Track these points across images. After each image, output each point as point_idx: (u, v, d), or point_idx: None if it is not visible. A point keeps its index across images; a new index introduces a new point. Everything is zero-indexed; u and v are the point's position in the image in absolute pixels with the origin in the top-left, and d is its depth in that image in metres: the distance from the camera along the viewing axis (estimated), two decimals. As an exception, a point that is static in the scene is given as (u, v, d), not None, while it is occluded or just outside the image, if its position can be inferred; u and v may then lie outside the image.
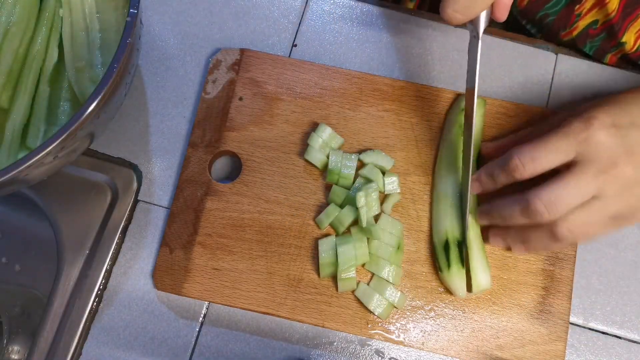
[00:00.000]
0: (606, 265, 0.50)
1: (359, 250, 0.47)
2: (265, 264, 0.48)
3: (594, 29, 0.54)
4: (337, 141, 0.51)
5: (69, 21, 0.48)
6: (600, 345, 0.49)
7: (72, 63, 0.47)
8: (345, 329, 0.47)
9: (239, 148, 0.51)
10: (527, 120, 0.51)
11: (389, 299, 0.47)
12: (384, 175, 0.49)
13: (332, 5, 0.57)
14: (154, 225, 0.51)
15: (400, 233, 0.48)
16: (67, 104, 0.49)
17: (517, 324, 0.47)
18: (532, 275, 0.48)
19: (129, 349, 0.48)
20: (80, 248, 0.50)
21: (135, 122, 0.53)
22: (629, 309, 0.50)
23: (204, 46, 0.55)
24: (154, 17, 0.56)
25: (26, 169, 0.37)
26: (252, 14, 0.56)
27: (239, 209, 0.49)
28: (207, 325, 0.49)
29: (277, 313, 0.47)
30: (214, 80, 0.52)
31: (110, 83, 0.39)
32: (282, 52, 0.55)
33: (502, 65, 0.55)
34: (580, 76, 0.55)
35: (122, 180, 0.51)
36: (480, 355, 0.47)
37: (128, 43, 0.40)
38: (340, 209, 0.48)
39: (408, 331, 0.47)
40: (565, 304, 0.48)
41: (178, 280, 0.48)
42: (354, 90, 0.52)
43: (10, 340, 0.54)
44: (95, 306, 0.49)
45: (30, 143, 0.47)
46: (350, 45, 0.55)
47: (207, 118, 0.52)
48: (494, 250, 0.49)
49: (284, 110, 0.52)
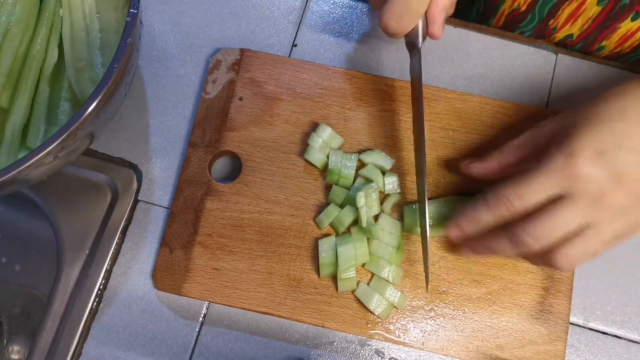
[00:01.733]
0: (606, 265, 0.50)
1: (359, 250, 0.47)
2: (265, 264, 0.48)
3: (571, 40, 0.56)
4: (337, 141, 0.51)
5: (69, 21, 0.48)
6: (600, 345, 0.49)
7: (72, 63, 0.47)
8: (345, 329, 0.47)
9: (239, 148, 0.51)
10: (527, 120, 0.51)
11: (389, 299, 0.47)
12: (384, 175, 0.50)
13: (332, 5, 0.57)
14: (154, 225, 0.51)
15: (400, 233, 0.48)
16: (67, 104, 0.49)
17: (517, 324, 0.47)
18: (532, 275, 0.48)
19: (129, 349, 0.48)
20: (80, 248, 0.50)
21: (135, 122, 0.53)
22: (629, 309, 0.50)
23: (204, 46, 0.55)
24: (154, 17, 0.56)
25: (26, 169, 0.37)
26: (252, 14, 0.56)
27: (239, 209, 0.49)
28: (207, 325, 0.49)
29: (277, 313, 0.47)
30: (214, 80, 0.52)
31: (110, 83, 0.39)
32: (282, 52, 0.55)
33: (502, 65, 0.55)
34: (580, 76, 0.55)
35: (122, 180, 0.51)
36: (480, 355, 0.47)
37: (128, 43, 0.40)
38: (340, 209, 0.48)
39: (408, 331, 0.47)
40: (565, 304, 0.48)
41: (178, 280, 0.48)
42: (354, 90, 0.52)
43: (10, 340, 0.54)
44: (95, 306, 0.49)
45: (30, 143, 0.47)
46: (350, 45, 0.55)
47: (207, 118, 0.52)
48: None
49: (284, 110, 0.52)
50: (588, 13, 0.51)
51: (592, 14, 0.51)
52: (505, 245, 0.41)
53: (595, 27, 0.52)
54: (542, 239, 0.39)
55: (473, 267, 0.48)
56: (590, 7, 0.51)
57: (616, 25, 0.52)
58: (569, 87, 0.54)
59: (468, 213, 0.43)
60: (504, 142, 0.50)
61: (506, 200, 0.40)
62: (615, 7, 0.50)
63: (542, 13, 0.53)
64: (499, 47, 0.55)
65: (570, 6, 0.52)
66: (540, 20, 0.54)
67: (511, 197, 0.40)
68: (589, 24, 0.52)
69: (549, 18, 0.54)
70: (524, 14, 0.54)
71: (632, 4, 0.50)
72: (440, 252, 0.49)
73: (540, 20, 0.55)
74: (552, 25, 0.54)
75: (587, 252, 0.40)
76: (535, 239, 0.40)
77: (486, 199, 0.42)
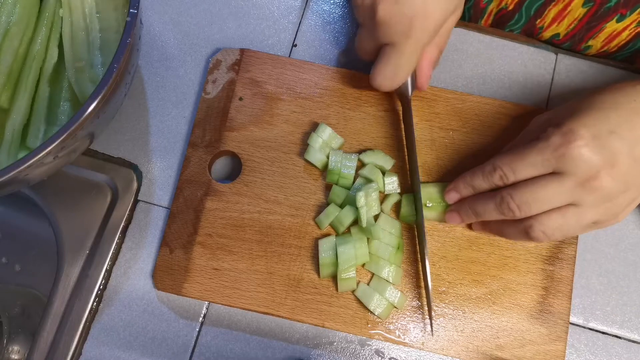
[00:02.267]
0: (606, 265, 0.50)
1: (359, 250, 0.47)
2: (265, 264, 0.48)
3: (558, 40, 0.56)
4: (337, 141, 0.51)
5: (69, 21, 0.48)
6: (600, 345, 0.49)
7: (72, 63, 0.47)
8: (345, 329, 0.47)
9: (239, 148, 0.51)
10: (527, 120, 0.51)
11: (389, 299, 0.47)
12: (384, 175, 0.50)
13: (332, 5, 0.57)
14: (154, 225, 0.51)
15: (400, 233, 0.48)
16: (67, 104, 0.49)
17: (517, 324, 0.47)
18: (532, 275, 0.48)
19: (129, 349, 0.48)
20: (80, 248, 0.50)
21: (135, 122, 0.53)
22: (629, 309, 0.50)
23: (204, 46, 0.55)
24: (154, 17, 0.56)
25: (26, 169, 0.37)
26: (252, 14, 0.56)
27: (239, 209, 0.49)
28: (207, 325, 0.49)
29: (277, 313, 0.47)
30: (214, 80, 0.52)
31: (110, 83, 0.39)
32: (282, 52, 0.55)
33: (502, 65, 0.55)
34: (580, 76, 0.55)
35: (122, 180, 0.51)
36: (480, 355, 0.47)
37: (128, 43, 0.40)
38: (340, 209, 0.48)
39: (408, 331, 0.47)
40: (565, 304, 0.48)
41: (178, 280, 0.48)
42: (354, 90, 0.52)
43: (10, 340, 0.54)
44: (95, 306, 0.49)
45: (30, 143, 0.47)
46: (351, 45, 0.55)
47: (207, 118, 0.52)
48: (493, 250, 0.49)
49: (284, 110, 0.52)
50: (574, 14, 0.52)
51: (578, 15, 0.52)
52: (491, 209, 0.44)
53: (581, 27, 0.53)
54: (525, 207, 0.41)
55: (473, 267, 0.48)
56: (576, 8, 0.52)
57: (602, 26, 0.53)
58: (569, 87, 0.54)
59: (466, 178, 0.46)
60: (503, 143, 0.50)
61: (500, 170, 0.43)
62: (600, 9, 0.51)
63: (529, 12, 0.54)
64: (498, 47, 0.55)
65: (556, 7, 0.52)
66: (527, 19, 0.55)
67: (505, 168, 0.42)
68: (575, 24, 0.53)
69: (535, 18, 0.54)
70: (511, 13, 0.55)
71: (616, 6, 0.51)
72: (441, 252, 0.49)
73: (527, 20, 0.55)
74: (539, 25, 0.55)
75: (562, 228, 0.42)
76: (518, 205, 0.42)
77: (483, 167, 0.44)
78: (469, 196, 0.47)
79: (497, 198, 0.43)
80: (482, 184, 0.45)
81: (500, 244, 0.49)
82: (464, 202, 0.47)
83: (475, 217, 0.46)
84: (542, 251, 0.49)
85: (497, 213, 0.44)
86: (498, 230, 0.46)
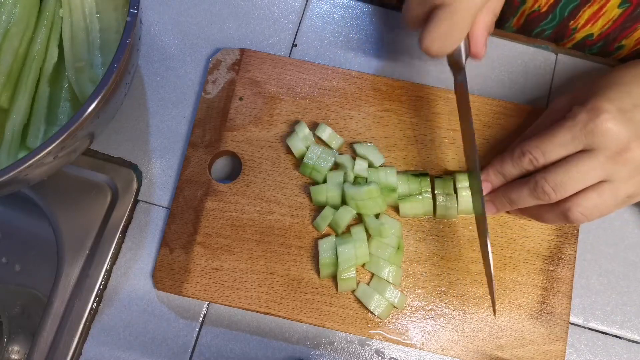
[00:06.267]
0: (606, 265, 0.50)
1: (359, 250, 0.47)
2: (265, 264, 0.48)
3: (591, 40, 0.56)
4: (337, 141, 0.51)
5: (69, 21, 0.48)
6: (600, 345, 0.49)
7: (72, 63, 0.47)
8: (345, 329, 0.47)
9: (239, 148, 0.51)
10: (527, 120, 0.51)
11: (389, 299, 0.47)
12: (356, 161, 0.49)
13: (332, 5, 0.57)
14: (154, 225, 0.51)
15: (400, 233, 0.48)
16: (67, 104, 0.49)
17: (517, 324, 0.47)
18: (532, 275, 0.48)
19: (129, 349, 0.48)
20: (80, 248, 0.50)
21: (135, 122, 0.53)
22: (629, 309, 0.50)
23: (204, 46, 0.55)
24: (154, 17, 0.56)
25: (26, 169, 0.37)
26: (252, 14, 0.56)
27: (239, 209, 0.49)
28: (207, 325, 0.49)
29: (277, 313, 0.47)
30: (214, 80, 0.52)
31: (110, 83, 0.39)
32: (282, 52, 0.55)
33: (502, 65, 0.55)
34: (580, 76, 0.55)
35: (122, 180, 0.51)
36: (480, 355, 0.47)
37: (128, 43, 0.40)
38: (335, 211, 0.48)
39: (408, 331, 0.47)
40: (565, 304, 0.48)
41: (178, 280, 0.48)
42: (354, 90, 0.52)
43: (10, 340, 0.54)
44: (95, 306, 0.49)
45: (30, 143, 0.47)
46: (350, 45, 0.55)
47: (207, 118, 0.52)
48: (494, 250, 0.49)
49: (284, 110, 0.52)
50: (609, 15, 0.52)
51: (613, 16, 0.52)
52: (526, 195, 0.44)
53: (616, 28, 0.53)
54: (561, 188, 0.41)
55: (473, 267, 0.48)
56: (612, 9, 0.51)
57: (637, 26, 0.52)
58: (569, 87, 0.54)
59: (495, 166, 0.46)
60: (504, 143, 0.50)
61: (530, 154, 0.43)
62: (637, 9, 0.50)
63: (562, 13, 0.53)
64: (498, 46, 0.55)
65: (591, 8, 0.52)
66: (560, 20, 0.54)
67: (534, 151, 0.43)
68: (610, 25, 0.53)
69: (569, 19, 0.54)
70: (544, 14, 0.54)
71: None
72: (441, 252, 0.49)
73: (560, 21, 0.55)
74: (573, 26, 0.54)
75: (600, 206, 0.42)
76: (554, 187, 0.42)
77: (512, 153, 0.44)
78: (502, 185, 0.46)
79: (530, 183, 0.43)
80: (512, 170, 0.45)
81: (500, 244, 0.49)
82: (498, 192, 0.47)
83: (511, 206, 0.46)
84: (542, 251, 0.49)
85: (533, 198, 0.43)
86: (536, 216, 0.46)
